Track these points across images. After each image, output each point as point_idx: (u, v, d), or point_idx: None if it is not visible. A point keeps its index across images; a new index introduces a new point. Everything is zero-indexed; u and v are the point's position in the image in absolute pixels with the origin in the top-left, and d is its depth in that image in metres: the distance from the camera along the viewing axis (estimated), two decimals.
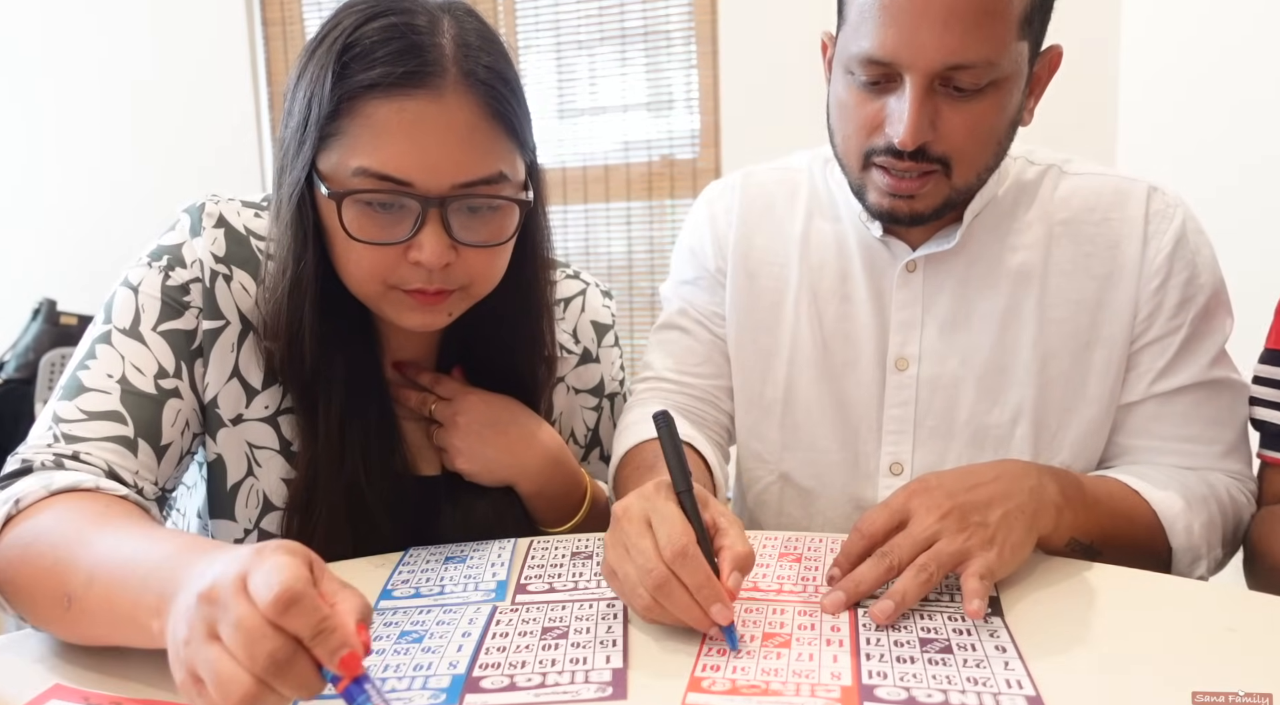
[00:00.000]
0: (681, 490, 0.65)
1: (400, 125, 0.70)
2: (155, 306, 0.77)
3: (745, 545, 0.63)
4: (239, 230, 0.81)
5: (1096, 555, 0.76)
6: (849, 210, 0.94)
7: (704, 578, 0.60)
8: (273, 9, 3.08)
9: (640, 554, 0.61)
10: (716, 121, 2.67)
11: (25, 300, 2.93)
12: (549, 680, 0.57)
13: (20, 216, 3.33)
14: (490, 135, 0.73)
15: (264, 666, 0.45)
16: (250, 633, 0.45)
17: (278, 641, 0.45)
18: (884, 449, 0.93)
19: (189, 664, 0.47)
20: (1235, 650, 0.59)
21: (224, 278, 0.79)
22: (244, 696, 0.45)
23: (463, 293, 0.78)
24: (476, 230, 0.75)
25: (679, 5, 2.70)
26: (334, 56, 0.70)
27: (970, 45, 0.75)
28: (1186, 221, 0.88)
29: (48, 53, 3.21)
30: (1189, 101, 1.95)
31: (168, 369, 0.77)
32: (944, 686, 0.54)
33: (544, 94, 2.87)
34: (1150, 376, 0.88)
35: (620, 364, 1.01)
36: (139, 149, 3.11)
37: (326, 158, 0.73)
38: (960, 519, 0.67)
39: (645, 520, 0.63)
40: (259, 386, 0.80)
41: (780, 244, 0.97)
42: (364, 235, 0.72)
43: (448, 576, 0.75)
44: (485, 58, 0.73)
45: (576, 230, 2.90)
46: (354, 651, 0.46)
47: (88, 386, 0.74)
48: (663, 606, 0.60)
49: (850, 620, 0.64)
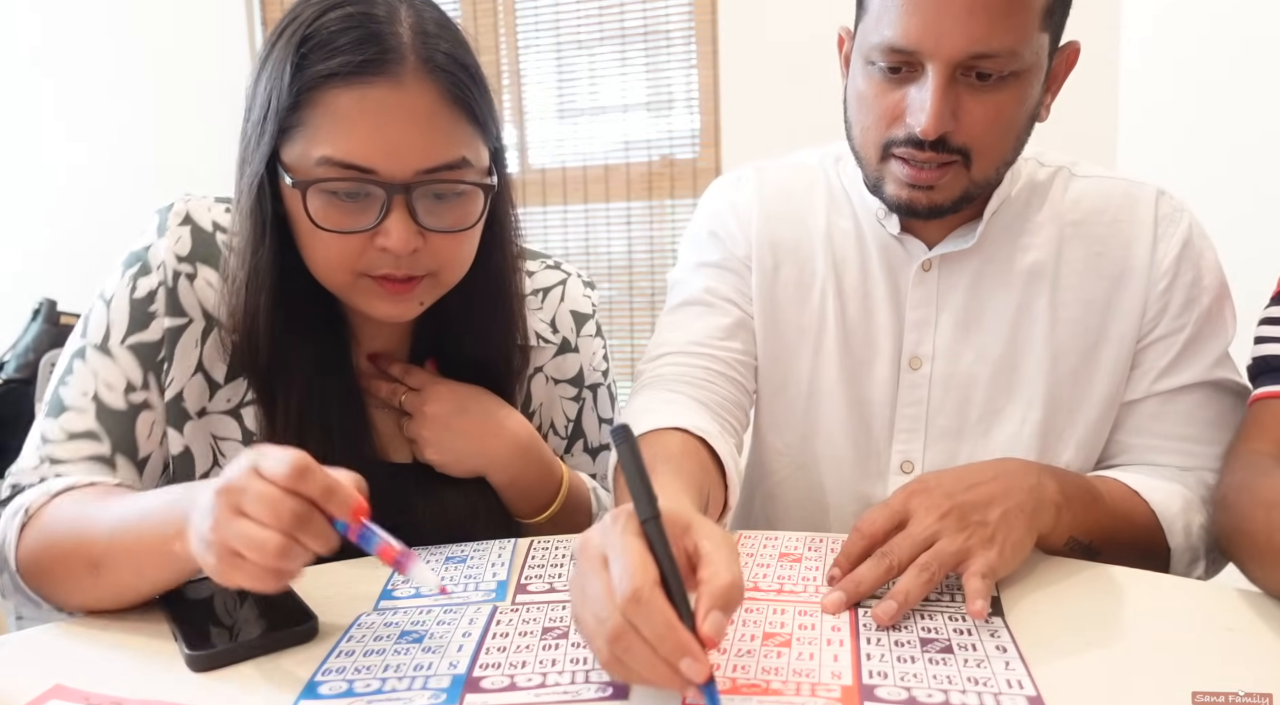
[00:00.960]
0: (646, 518, 0.54)
1: (361, 113, 0.71)
2: (124, 321, 0.79)
3: (730, 573, 0.52)
4: (205, 228, 0.82)
5: (1095, 555, 0.76)
6: (864, 208, 0.94)
7: (663, 626, 0.49)
8: (273, 9, 3.08)
9: (594, 600, 0.52)
10: (716, 121, 2.67)
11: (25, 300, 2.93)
12: (549, 680, 0.57)
13: (20, 216, 3.33)
14: (451, 120, 0.74)
15: (289, 522, 0.55)
16: (274, 500, 0.55)
17: (296, 502, 0.55)
18: (895, 447, 0.93)
19: (221, 543, 0.56)
20: (1235, 650, 0.59)
21: (187, 276, 0.80)
22: (278, 550, 0.54)
23: (431, 280, 0.78)
24: (442, 216, 0.76)
25: (679, 5, 2.69)
26: (293, 48, 0.71)
27: (994, 34, 0.75)
28: (1192, 225, 0.89)
29: (47, 53, 3.21)
30: (1189, 102, 1.95)
31: (135, 383, 0.79)
32: (944, 686, 0.54)
33: (544, 94, 2.87)
34: (1153, 375, 0.88)
35: (603, 355, 1.00)
36: (139, 149, 3.11)
37: (289, 149, 0.73)
38: (960, 518, 0.67)
39: (601, 558, 0.53)
40: (221, 381, 0.81)
41: (805, 236, 0.96)
42: (330, 224, 0.73)
43: (448, 577, 0.75)
44: (444, 44, 0.74)
45: (576, 230, 2.89)
46: (359, 502, 0.58)
47: (67, 405, 0.78)
48: (623, 664, 0.50)
49: (850, 620, 0.64)
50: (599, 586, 0.51)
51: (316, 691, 0.57)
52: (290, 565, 0.56)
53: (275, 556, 0.55)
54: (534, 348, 0.93)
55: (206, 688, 0.59)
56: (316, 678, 0.58)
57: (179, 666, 0.61)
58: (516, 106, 2.88)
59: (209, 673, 0.60)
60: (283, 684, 0.58)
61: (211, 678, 0.60)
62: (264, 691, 0.58)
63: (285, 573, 0.57)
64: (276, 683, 0.58)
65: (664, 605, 0.50)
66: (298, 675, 0.59)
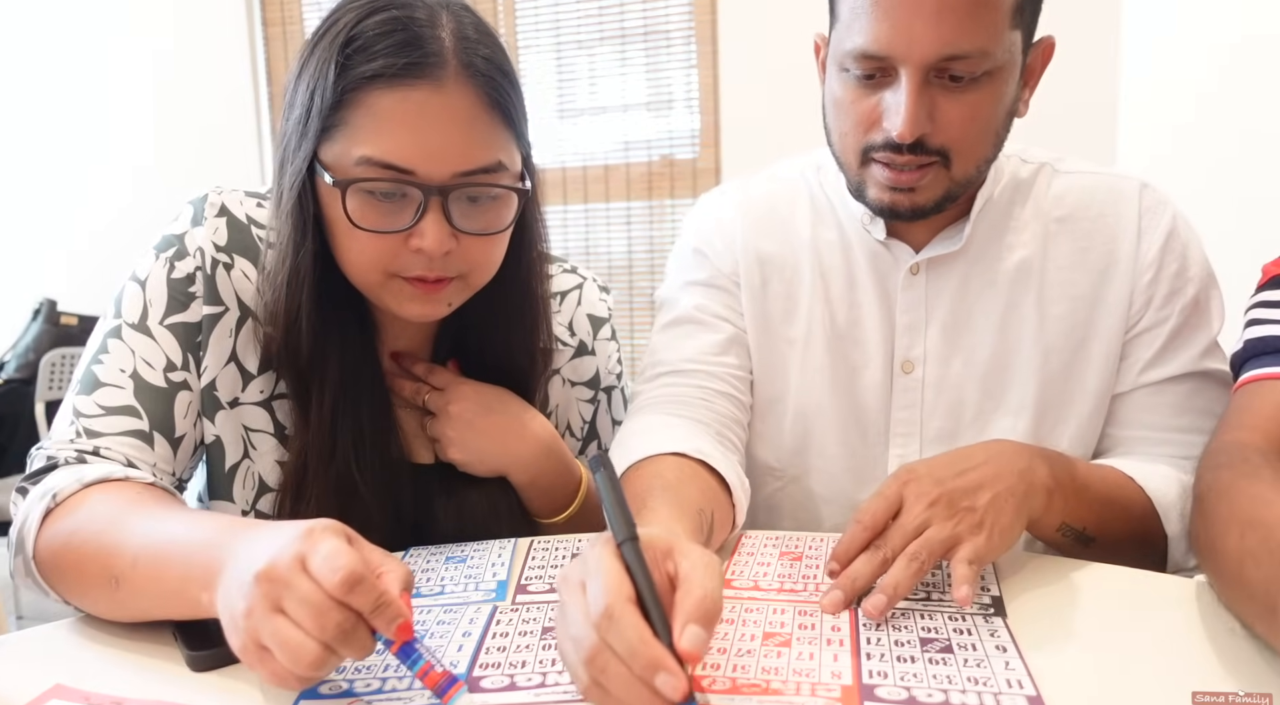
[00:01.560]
0: (622, 541, 0.53)
1: (403, 114, 0.72)
2: (162, 301, 0.79)
3: (704, 588, 0.50)
4: (240, 219, 0.82)
5: (1090, 542, 0.76)
6: (849, 216, 0.94)
7: (636, 641, 0.47)
8: (273, 9, 3.08)
9: (571, 623, 0.51)
10: (716, 121, 2.67)
11: (25, 300, 2.94)
12: (549, 680, 0.57)
13: (20, 216, 3.33)
14: (490, 125, 0.75)
15: (333, 636, 0.51)
16: (320, 609, 0.51)
17: (343, 614, 0.52)
18: (891, 452, 0.93)
19: (252, 636, 0.52)
20: (1235, 650, 0.59)
21: (224, 265, 0.81)
22: (313, 661, 0.51)
23: (461, 282, 0.79)
24: (476, 219, 0.77)
25: (679, 5, 2.70)
26: (336, 49, 0.72)
27: (964, 35, 0.75)
28: (1176, 217, 0.89)
29: (47, 53, 3.21)
30: (1189, 101, 1.95)
31: (175, 362, 0.79)
32: (944, 686, 0.54)
33: (544, 94, 2.87)
34: (1140, 366, 0.88)
35: (617, 357, 1.01)
36: (139, 149, 3.11)
37: (329, 148, 0.74)
38: (949, 505, 0.67)
39: (579, 584, 0.52)
40: (254, 372, 0.82)
41: (789, 249, 0.96)
42: (367, 224, 0.74)
43: (448, 576, 0.75)
44: (484, 50, 0.75)
45: (576, 230, 2.90)
46: (406, 621, 0.53)
47: (103, 381, 0.77)
48: (602, 690, 0.49)
49: (850, 619, 0.64)
50: (576, 609, 0.51)
51: (316, 691, 0.57)
52: (321, 674, 0.53)
53: (309, 666, 0.51)
54: (553, 351, 0.94)
55: (206, 688, 0.59)
56: None
57: (179, 666, 0.61)
58: None
59: (209, 673, 0.60)
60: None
61: (211, 678, 0.60)
62: (264, 691, 0.58)
63: (313, 680, 0.54)
64: None
65: (637, 620, 0.49)
66: None
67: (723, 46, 2.62)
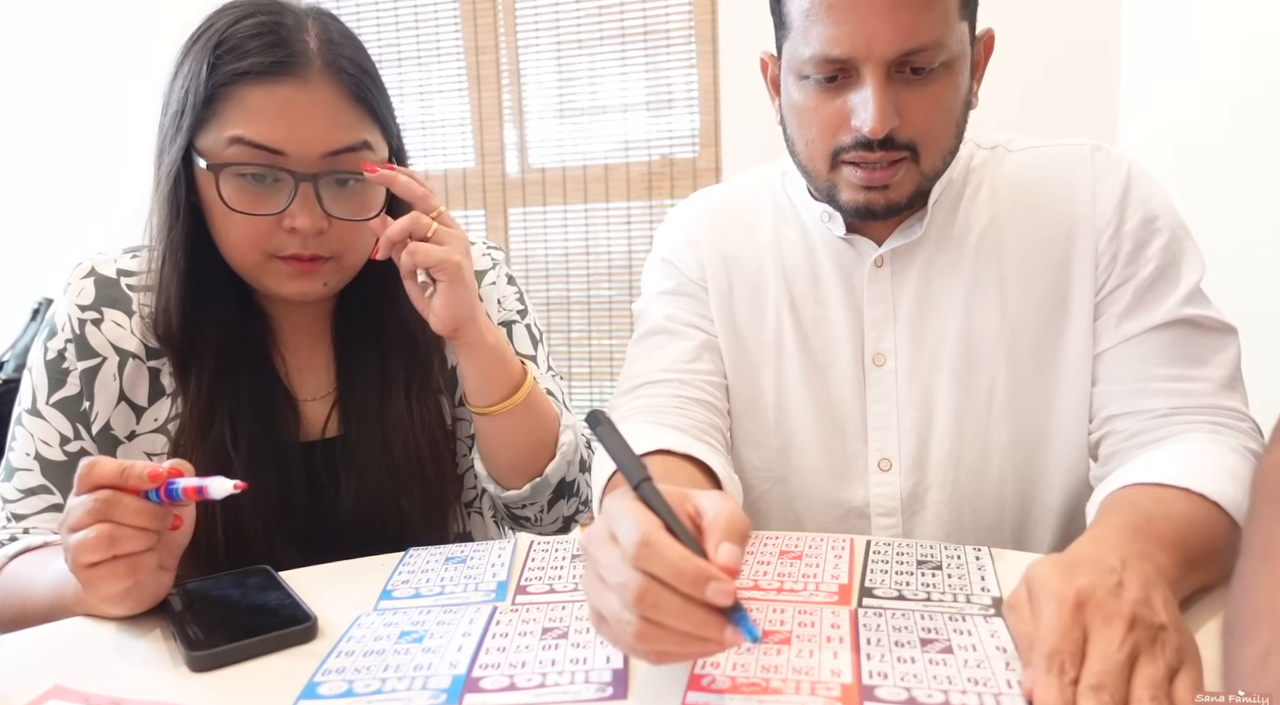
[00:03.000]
0: (637, 483, 0.55)
1: (271, 104, 0.78)
2: (44, 383, 0.87)
3: (729, 511, 0.52)
4: (109, 275, 0.89)
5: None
6: (810, 215, 0.95)
7: (678, 559, 0.49)
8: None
9: (612, 572, 0.51)
10: (716, 121, 2.67)
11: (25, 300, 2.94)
12: (549, 680, 0.57)
13: (20, 216, 3.33)
14: (353, 113, 0.82)
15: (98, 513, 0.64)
16: (77, 504, 0.64)
17: (96, 496, 0.64)
18: (871, 446, 0.93)
19: (72, 562, 0.64)
20: None
21: (93, 321, 0.87)
22: (98, 541, 0.63)
23: (335, 263, 0.85)
24: (344, 203, 0.82)
25: (679, 5, 2.69)
26: (208, 52, 0.79)
27: (920, 28, 0.77)
28: (1131, 169, 0.88)
29: (47, 53, 3.21)
30: (1189, 100, 1.95)
31: (68, 435, 0.86)
32: (945, 687, 0.54)
33: (544, 94, 2.87)
34: (1116, 320, 0.87)
35: (516, 297, 1.03)
36: (139, 149, 3.11)
37: (203, 137, 0.80)
38: (1146, 628, 0.55)
39: (609, 535, 0.53)
40: (145, 403, 0.88)
41: (753, 250, 0.97)
42: (242, 206, 0.80)
43: (448, 577, 0.75)
44: (347, 51, 0.82)
45: (576, 230, 2.89)
46: (153, 469, 0.64)
47: (15, 467, 0.86)
48: (657, 626, 0.49)
49: (850, 619, 0.64)
50: (611, 556, 0.51)
51: (316, 692, 0.57)
52: (130, 547, 0.63)
53: (104, 547, 0.62)
54: None
55: (206, 688, 0.59)
56: (316, 678, 0.58)
57: (179, 666, 0.61)
58: (516, 106, 2.88)
59: (209, 673, 0.60)
60: (283, 684, 0.58)
61: (211, 678, 0.60)
62: (264, 691, 0.58)
63: (138, 562, 0.64)
64: (276, 683, 0.59)
65: (674, 542, 0.50)
66: (298, 675, 0.59)
67: (723, 46, 2.62)
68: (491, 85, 2.89)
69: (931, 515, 0.92)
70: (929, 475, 0.92)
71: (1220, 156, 1.81)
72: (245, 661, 0.61)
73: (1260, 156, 1.70)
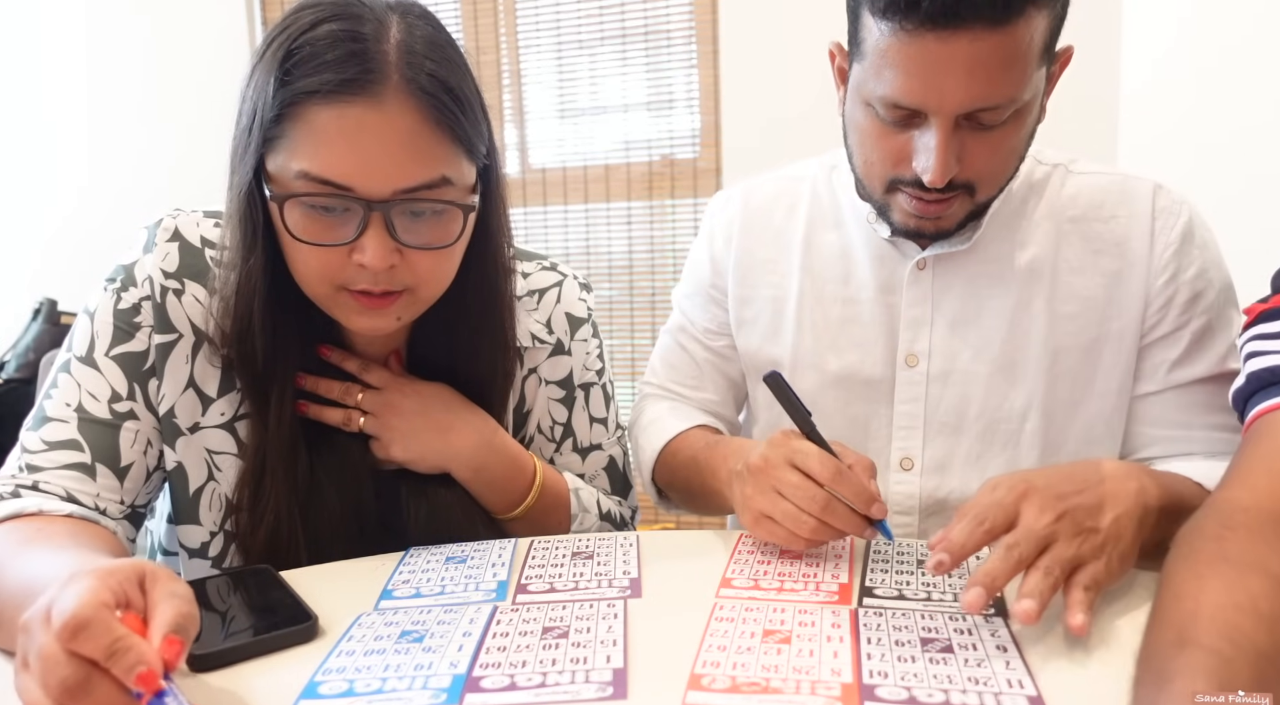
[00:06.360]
0: (809, 431, 0.75)
1: (340, 131, 0.70)
2: (108, 332, 0.80)
3: (861, 457, 0.74)
4: (193, 243, 0.82)
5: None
6: (855, 213, 0.95)
7: (861, 487, 0.71)
8: (273, 9, 3.08)
9: (797, 489, 0.70)
10: (717, 121, 2.67)
11: (25, 300, 2.94)
12: (549, 680, 0.57)
13: (20, 216, 3.33)
14: (432, 141, 0.73)
15: (57, 693, 0.46)
16: (46, 661, 0.47)
17: (70, 668, 0.46)
18: (894, 444, 0.94)
19: (17, 691, 0.49)
20: None
21: (174, 292, 0.81)
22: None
23: (410, 296, 0.77)
24: (420, 233, 0.75)
25: (679, 5, 2.69)
26: (278, 62, 0.71)
27: (995, 88, 0.75)
28: (1193, 218, 0.89)
29: (47, 53, 3.21)
30: (1189, 101, 1.95)
31: (121, 393, 0.79)
32: (945, 686, 0.54)
33: (544, 94, 2.87)
34: (1166, 367, 0.89)
35: (598, 355, 1.00)
36: (139, 149, 3.11)
37: (273, 159, 0.73)
38: (1073, 522, 0.62)
39: (788, 463, 0.72)
40: (214, 395, 0.82)
41: (780, 253, 0.99)
42: (308, 236, 0.73)
43: (448, 576, 0.75)
44: (429, 65, 0.72)
45: (577, 230, 2.89)
46: (150, 669, 0.47)
47: (49, 416, 0.78)
48: (827, 525, 0.70)
49: (850, 619, 0.64)
50: (798, 477, 0.71)
51: (316, 691, 0.57)
52: None
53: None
54: (528, 349, 0.94)
55: (206, 688, 0.59)
56: (316, 678, 0.58)
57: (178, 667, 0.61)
58: (517, 106, 2.88)
59: (209, 672, 0.60)
60: (283, 684, 0.58)
61: (211, 678, 0.60)
62: (264, 691, 0.58)
63: None
64: (276, 683, 0.58)
65: (857, 475, 0.72)
66: (298, 675, 0.59)
67: (723, 46, 2.62)
68: (492, 85, 2.88)
69: (947, 518, 0.92)
70: (950, 479, 0.93)
71: (1220, 156, 1.80)
72: (246, 661, 0.61)
73: (1260, 157, 1.70)
